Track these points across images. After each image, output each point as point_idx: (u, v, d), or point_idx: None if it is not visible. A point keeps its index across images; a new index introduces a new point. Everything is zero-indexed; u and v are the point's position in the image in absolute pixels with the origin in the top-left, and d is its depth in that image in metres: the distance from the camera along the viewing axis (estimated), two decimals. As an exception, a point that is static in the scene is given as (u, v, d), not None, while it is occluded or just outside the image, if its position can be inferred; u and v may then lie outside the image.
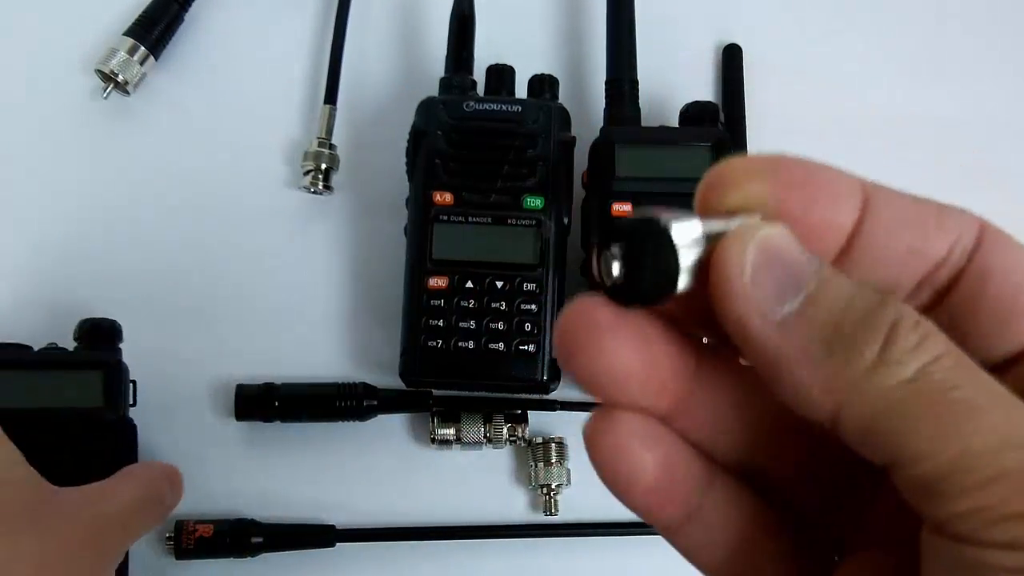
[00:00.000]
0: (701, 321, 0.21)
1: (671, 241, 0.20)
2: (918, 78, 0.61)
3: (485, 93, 0.54)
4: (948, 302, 0.21)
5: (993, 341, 0.21)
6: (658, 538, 0.23)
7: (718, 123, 0.55)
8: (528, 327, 0.49)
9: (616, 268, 0.20)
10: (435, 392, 0.52)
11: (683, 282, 0.20)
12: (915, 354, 0.18)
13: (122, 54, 0.56)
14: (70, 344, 0.49)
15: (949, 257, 0.21)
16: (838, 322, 0.19)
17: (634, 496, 0.21)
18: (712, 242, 0.20)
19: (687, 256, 0.20)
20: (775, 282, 0.19)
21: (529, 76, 0.54)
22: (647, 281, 0.20)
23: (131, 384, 0.49)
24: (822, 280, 0.19)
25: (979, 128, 0.60)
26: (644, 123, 0.55)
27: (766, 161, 0.22)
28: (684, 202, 0.58)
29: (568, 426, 0.54)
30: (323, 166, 0.55)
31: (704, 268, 0.20)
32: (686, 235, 0.20)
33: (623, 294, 0.20)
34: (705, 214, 0.21)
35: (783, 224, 0.20)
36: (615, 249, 0.20)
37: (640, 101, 0.55)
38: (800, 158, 0.21)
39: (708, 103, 0.55)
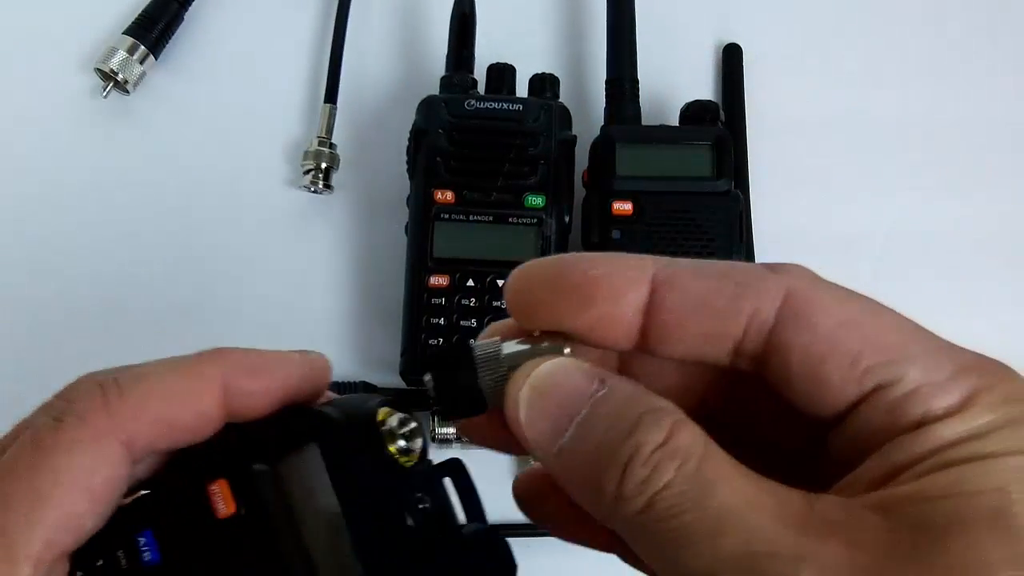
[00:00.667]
0: None
1: (473, 372, 0.23)
2: (918, 78, 0.61)
3: (486, 92, 0.54)
4: (768, 368, 0.22)
5: (810, 406, 0.22)
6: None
7: (718, 122, 0.55)
8: (529, 326, 0.49)
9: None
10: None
11: (494, 403, 0.23)
12: (644, 487, 0.20)
13: (122, 53, 0.56)
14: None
15: (747, 336, 0.22)
16: (594, 455, 0.21)
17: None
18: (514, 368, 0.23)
19: (493, 381, 0.23)
20: (548, 418, 0.22)
21: (530, 75, 0.54)
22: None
23: None
24: (591, 408, 0.21)
25: (979, 128, 0.60)
26: (644, 122, 0.55)
27: (547, 267, 0.24)
28: (684, 201, 0.58)
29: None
30: (323, 165, 0.55)
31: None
32: (490, 364, 0.23)
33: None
34: (513, 335, 0.24)
35: (569, 345, 0.23)
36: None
37: (640, 100, 0.55)
38: (582, 256, 0.23)
39: (708, 102, 0.55)
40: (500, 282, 0.50)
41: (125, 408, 0.23)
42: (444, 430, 0.51)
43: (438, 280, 0.50)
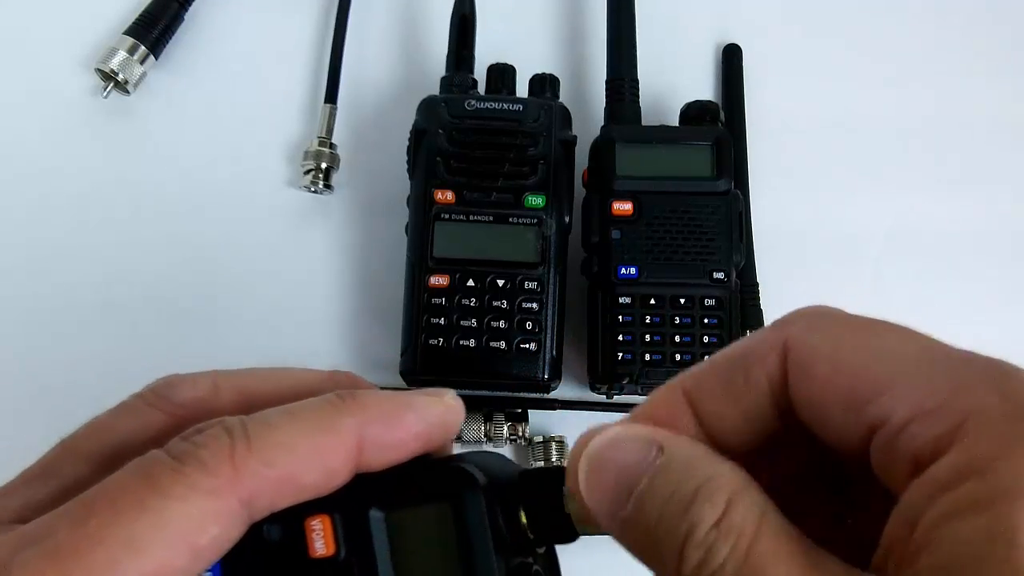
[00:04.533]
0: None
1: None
2: (918, 78, 0.61)
3: (486, 92, 0.54)
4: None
5: (841, 455, 0.22)
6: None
7: (718, 122, 0.55)
8: (529, 325, 0.49)
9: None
10: (436, 391, 0.52)
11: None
12: (699, 571, 0.19)
13: (122, 53, 0.56)
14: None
15: (776, 400, 0.22)
16: (654, 531, 0.20)
17: None
18: None
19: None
20: (607, 492, 0.21)
21: (530, 75, 0.54)
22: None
23: None
24: (649, 481, 0.21)
25: (980, 127, 0.60)
26: (644, 122, 0.55)
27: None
28: (684, 201, 0.58)
29: (568, 425, 0.53)
30: (323, 165, 0.55)
31: None
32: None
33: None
34: None
35: (623, 422, 0.23)
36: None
37: (640, 100, 0.55)
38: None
39: (708, 102, 0.55)
40: (500, 282, 0.50)
41: (251, 462, 0.21)
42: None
43: (438, 280, 0.50)
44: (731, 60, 0.60)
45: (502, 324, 0.49)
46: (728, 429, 0.23)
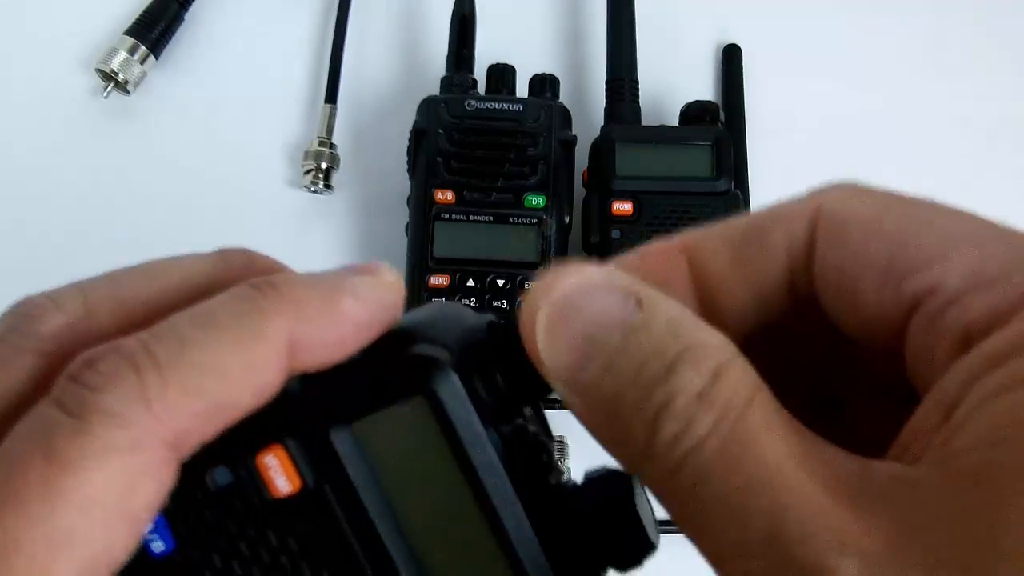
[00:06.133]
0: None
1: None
2: (918, 77, 0.61)
3: (486, 92, 0.54)
4: (821, 300, 0.19)
5: (863, 338, 0.19)
6: (660, 537, 0.22)
7: (718, 122, 0.55)
8: (529, 326, 0.49)
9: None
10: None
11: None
12: (675, 444, 0.16)
13: (123, 53, 0.56)
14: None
15: (793, 268, 0.19)
16: (622, 400, 0.17)
17: None
18: None
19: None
20: (570, 349, 0.18)
21: (530, 75, 0.55)
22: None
23: None
24: (622, 339, 0.17)
25: (980, 128, 0.60)
26: (644, 122, 0.55)
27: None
28: (684, 201, 0.58)
29: (569, 425, 0.53)
30: (324, 165, 0.55)
31: None
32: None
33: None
34: None
35: (601, 266, 0.19)
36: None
37: (640, 101, 0.55)
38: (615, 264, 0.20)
39: (708, 103, 0.55)
40: (500, 282, 0.50)
41: (171, 396, 0.17)
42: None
43: (438, 280, 0.50)
44: (731, 60, 0.60)
45: (502, 324, 0.49)
46: (727, 300, 0.20)
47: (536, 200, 0.51)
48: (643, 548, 0.19)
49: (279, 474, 0.18)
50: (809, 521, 0.15)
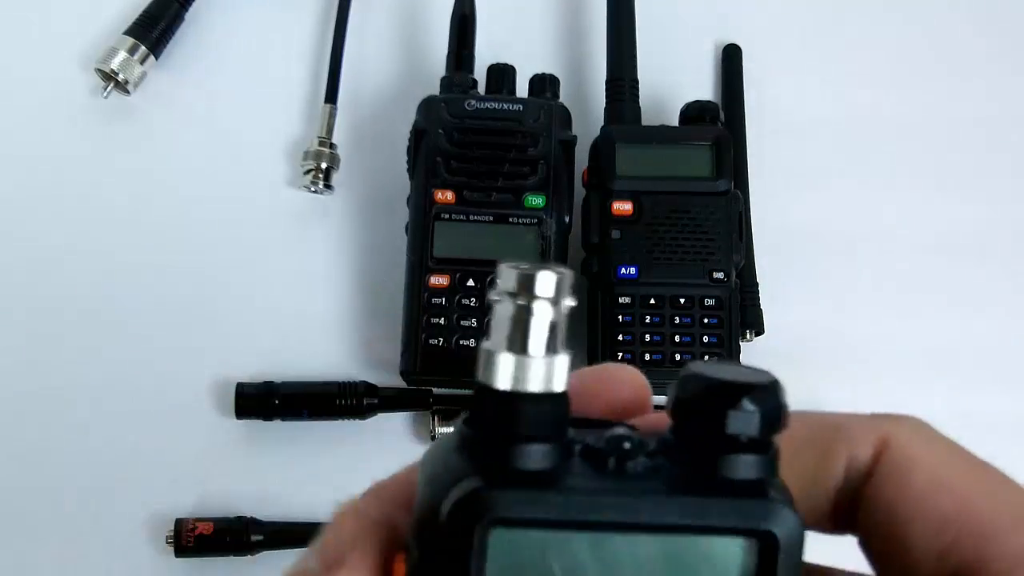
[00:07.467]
0: None
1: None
2: (918, 78, 0.61)
3: (486, 92, 0.54)
4: (860, 526, 0.20)
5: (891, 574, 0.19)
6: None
7: (718, 122, 0.55)
8: (529, 326, 0.49)
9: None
10: (436, 391, 0.52)
11: None
12: None
13: (123, 53, 0.56)
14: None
15: (845, 482, 0.20)
16: None
17: None
18: None
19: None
20: None
21: (530, 75, 0.55)
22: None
23: None
24: None
25: (980, 127, 0.60)
26: (644, 122, 0.55)
27: None
28: (684, 201, 0.58)
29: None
30: (324, 165, 0.55)
31: None
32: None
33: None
34: None
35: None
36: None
37: (640, 100, 0.55)
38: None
39: (708, 102, 0.55)
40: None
41: None
42: (444, 429, 0.51)
43: (438, 280, 0.50)
44: (731, 60, 0.60)
45: (502, 324, 0.49)
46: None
47: (536, 200, 0.51)
48: None
49: None
50: None
